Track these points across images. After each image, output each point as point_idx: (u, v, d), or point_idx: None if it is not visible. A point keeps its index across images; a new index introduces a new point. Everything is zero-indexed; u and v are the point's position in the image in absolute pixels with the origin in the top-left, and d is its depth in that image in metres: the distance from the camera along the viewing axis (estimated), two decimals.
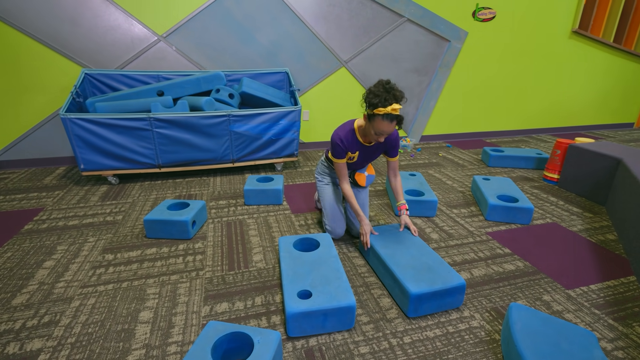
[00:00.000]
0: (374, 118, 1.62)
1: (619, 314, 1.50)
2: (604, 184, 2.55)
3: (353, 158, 1.90)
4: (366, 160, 1.98)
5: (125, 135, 2.69)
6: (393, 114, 1.57)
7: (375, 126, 1.63)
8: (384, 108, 1.55)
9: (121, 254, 1.89)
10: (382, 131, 1.63)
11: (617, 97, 5.00)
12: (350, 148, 1.84)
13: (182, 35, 3.20)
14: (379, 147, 1.90)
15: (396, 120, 1.61)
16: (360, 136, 1.83)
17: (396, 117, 1.60)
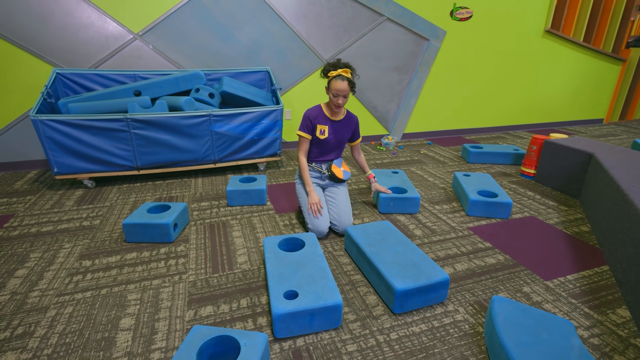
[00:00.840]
0: (330, 83, 1.93)
1: (594, 302, 1.56)
2: (577, 177, 2.65)
3: (324, 132, 2.07)
4: (336, 138, 2.12)
5: (100, 136, 2.60)
6: (344, 74, 1.90)
7: (332, 89, 1.93)
8: (335, 71, 1.92)
9: (99, 260, 1.83)
10: (337, 90, 1.90)
11: (588, 94, 5.21)
12: (319, 120, 2.06)
13: (159, 33, 3.11)
14: (346, 126, 2.14)
15: (347, 81, 1.90)
16: (327, 111, 2.08)
17: (347, 79, 1.90)
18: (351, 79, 1.93)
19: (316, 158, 2.17)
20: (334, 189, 2.14)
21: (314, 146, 2.13)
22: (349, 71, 1.92)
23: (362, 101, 4.01)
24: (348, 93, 1.94)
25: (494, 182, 2.58)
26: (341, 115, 2.12)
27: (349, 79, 1.92)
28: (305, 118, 2.05)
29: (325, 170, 2.17)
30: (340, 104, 1.96)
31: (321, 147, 2.12)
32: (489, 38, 4.27)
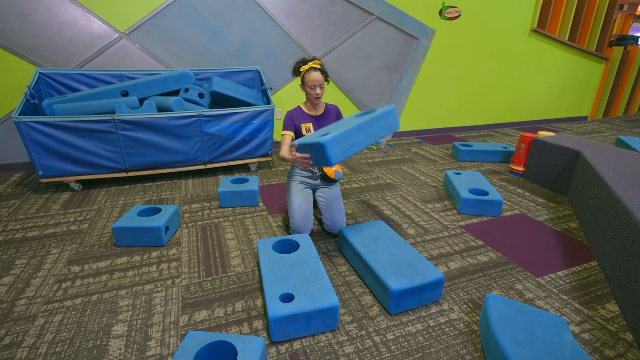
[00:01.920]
0: (304, 77, 1.97)
1: (584, 298, 1.59)
2: (564, 175, 2.70)
3: (310, 129, 2.08)
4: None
5: (87, 138, 2.54)
6: (315, 66, 1.95)
7: (307, 82, 1.96)
8: (305, 65, 1.97)
9: (89, 265, 1.79)
10: (313, 81, 1.94)
11: (572, 92, 5.32)
12: (301, 119, 2.08)
13: (146, 32, 3.05)
14: (328, 117, 2.15)
15: (320, 71, 1.96)
16: (307, 109, 2.11)
17: (319, 69, 1.96)
18: (323, 69, 1.98)
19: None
20: (326, 189, 2.13)
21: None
22: (318, 62, 1.98)
23: (353, 100, 4.01)
24: (323, 82, 1.99)
25: (485, 180, 2.61)
26: (321, 109, 2.14)
27: (320, 69, 1.97)
28: (286, 118, 2.07)
29: (316, 170, 2.16)
30: (319, 94, 1.99)
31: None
32: (477, 37, 4.31)
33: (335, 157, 1.56)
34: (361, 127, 1.63)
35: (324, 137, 1.55)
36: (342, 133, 1.57)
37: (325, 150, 1.53)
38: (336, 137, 1.55)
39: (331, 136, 1.54)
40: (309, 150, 1.65)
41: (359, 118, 1.71)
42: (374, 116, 1.67)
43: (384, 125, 1.72)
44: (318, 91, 1.99)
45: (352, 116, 1.86)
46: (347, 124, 1.67)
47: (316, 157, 1.63)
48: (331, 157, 1.55)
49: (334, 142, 1.55)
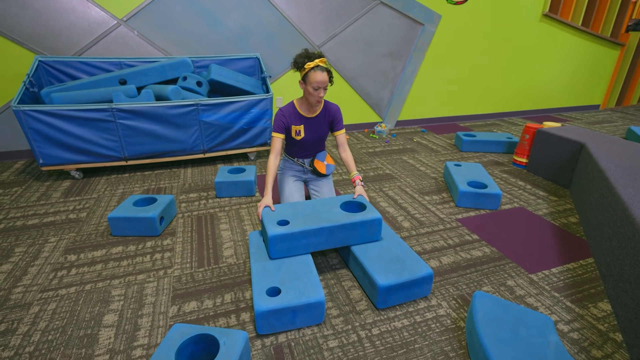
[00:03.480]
0: (307, 75, 1.76)
1: (577, 296, 1.57)
2: (568, 167, 2.64)
3: (299, 132, 1.94)
4: (314, 136, 1.99)
5: (86, 127, 2.56)
6: (322, 65, 1.74)
7: (310, 81, 1.76)
8: (311, 62, 1.74)
9: (85, 255, 1.82)
10: (318, 82, 1.74)
11: (584, 79, 5.14)
12: (292, 120, 1.92)
13: (144, 19, 3.02)
14: (323, 120, 1.98)
15: (327, 72, 1.76)
16: (301, 109, 1.92)
17: (326, 69, 1.76)
18: (329, 69, 1.79)
19: (297, 154, 2.07)
20: (318, 182, 2.11)
21: (292, 145, 2.03)
22: (325, 61, 1.77)
23: (355, 88, 3.94)
24: (327, 85, 1.80)
25: (485, 173, 2.56)
26: (318, 110, 1.95)
27: (327, 69, 1.77)
28: (278, 117, 1.90)
29: (307, 165, 2.12)
30: (321, 98, 1.81)
31: (299, 146, 2.02)
32: (486, 22, 4.17)
33: (277, 253, 1.56)
34: (324, 231, 1.57)
35: (273, 230, 1.52)
36: (296, 232, 1.54)
37: (269, 243, 1.54)
38: (286, 235, 1.53)
39: (281, 232, 1.52)
40: (263, 228, 1.64)
41: (333, 213, 1.64)
42: (349, 222, 1.60)
43: (358, 235, 1.65)
44: (322, 94, 1.80)
45: (333, 201, 1.77)
46: (314, 214, 1.64)
47: (265, 238, 1.62)
48: (272, 252, 1.55)
49: (283, 239, 1.53)
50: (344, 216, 1.65)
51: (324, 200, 1.79)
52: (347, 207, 1.80)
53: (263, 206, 1.73)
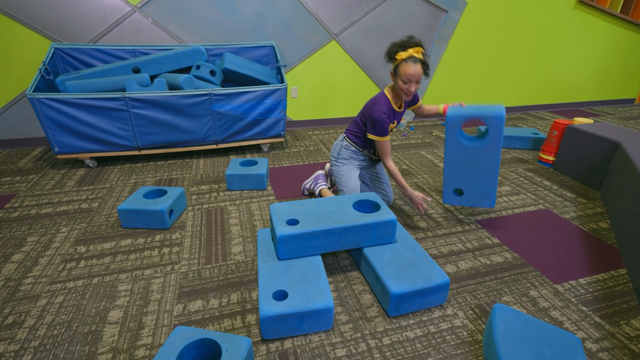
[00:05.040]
0: (399, 67, 1.66)
1: (607, 311, 1.45)
2: (600, 168, 2.46)
3: (392, 129, 1.90)
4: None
5: (99, 116, 2.54)
6: (416, 56, 1.62)
7: (401, 74, 1.65)
8: (404, 52, 1.62)
9: (94, 246, 1.81)
10: (410, 75, 1.63)
11: (619, 71, 4.81)
12: (391, 119, 1.83)
13: (159, 5, 2.96)
14: (405, 107, 1.94)
15: (420, 63, 1.64)
16: (394, 101, 1.83)
17: (420, 60, 1.63)
18: (425, 60, 1.65)
19: (368, 147, 2.00)
20: (377, 166, 2.13)
21: (368, 138, 1.93)
22: (421, 50, 1.63)
23: (373, 78, 3.80)
24: (421, 77, 1.67)
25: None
26: (403, 102, 1.88)
27: (422, 61, 1.64)
28: (383, 121, 1.77)
29: (372, 154, 2.05)
30: (412, 92, 1.70)
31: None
32: (516, 9, 3.92)
33: (286, 253, 1.50)
34: (335, 232, 1.50)
35: (282, 229, 1.46)
36: (306, 233, 1.46)
37: (277, 243, 1.48)
38: (295, 236, 1.46)
39: (290, 232, 1.45)
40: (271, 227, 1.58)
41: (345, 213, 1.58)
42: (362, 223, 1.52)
43: (371, 237, 1.57)
44: (413, 88, 1.68)
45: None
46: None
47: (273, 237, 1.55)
48: (280, 253, 1.50)
49: (292, 239, 1.47)
50: (357, 217, 1.56)
51: (336, 199, 1.72)
52: (360, 207, 1.71)
53: (423, 202, 1.90)
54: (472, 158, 1.89)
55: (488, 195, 1.95)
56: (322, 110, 3.77)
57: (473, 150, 1.87)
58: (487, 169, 1.89)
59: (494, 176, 1.89)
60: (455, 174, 1.97)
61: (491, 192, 1.93)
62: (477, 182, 1.94)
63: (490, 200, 1.97)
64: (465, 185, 1.98)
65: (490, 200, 1.97)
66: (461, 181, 1.98)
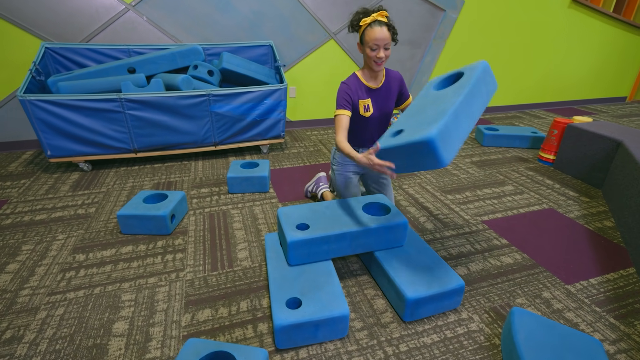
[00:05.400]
0: (364, 34, 1.54)
1: (620, 312, 1.45)
2: (601, 166, 2.47)
3: (368, 107, 1.68)
4: (382, 111, 1.74)
5: (94, 118, 2.46)
6: (380, 19, 1.51)
7: (367, 41, 1.53)
8: (368, 17, 1.52)
9: (93, 254, 1.74)
10: (376, 40, 1.50)
11: (612, 70, 4.88)
12: (358, 93, 1.66)
13: (154, 3, 2.88)
14: (388, 89, 1.73)
15: (387, 26, 1.51)
16: (365, 78, 1.68)
17: (385, 24, 1.51)
18: (390, 23, 1.53)
19: (361, 144, 1.81)
20: (381, 182, 1.95)
21: (355, 128, 1.76)
22: (385, 14, 1.52)
23: None
24: (390, 42, 1.54)
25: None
26: (381, 79, 1.70)
27: (387, 24, 1.52)
28: (342, 91, 1.62)
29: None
30: (382, 58, 1.54)
31: (364, 127, 1.75)
32: (512, 8, 3.93)
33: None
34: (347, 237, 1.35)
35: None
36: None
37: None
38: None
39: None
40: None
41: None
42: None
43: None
44: (381, 54, 1.53)
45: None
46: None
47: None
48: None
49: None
50: (368, 220, 1.53)
51: (346, 202, 1.68)
52: (369, 210, 1.68)
53: (347, 126, 1.55)
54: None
55: (430, 124, 1.15)
56: (320, 110, 3.73)
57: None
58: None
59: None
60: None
61: (437, 121, 1.14)
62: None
63: (429, 132, 1.11)
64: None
65: (430, 136, 1.10)
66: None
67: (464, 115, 1.18)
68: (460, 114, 1.16)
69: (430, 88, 1.46)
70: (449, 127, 1.12)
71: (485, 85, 1.26)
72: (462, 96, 1.18)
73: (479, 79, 1.23)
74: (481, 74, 1.25)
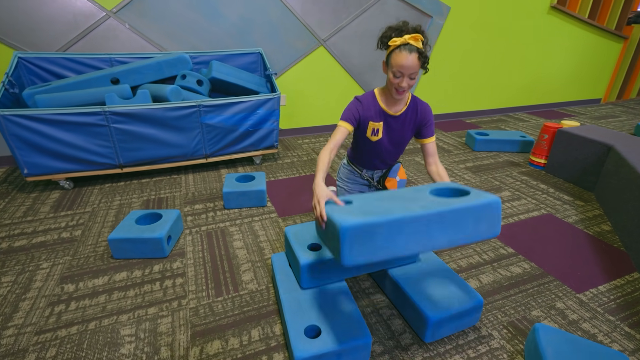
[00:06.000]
0: (391, 55, 1.36)
1: (633, 319, 1.46)
2: (592, 170, 2.53)
3: (377, 132, 1.53)
4: (394, 140, 1.59)
5: (75, 132, 2.30)
6: (412, 43, 1.31)
7: (392, 65, 1.35)
8: (399, 37, 1.33)
9: (84, 283, 1.61)
10: (401, 67, 1.31)
11: (589, 73, 5.07)
12: (370, 113, 1.50)
13: (136, 10, 2.74)
14: (409, 121, 1.54)
15: (417, 53, 1.31)
16: (382, 101, 1.51)
17: (417, 49, 1.31)
18: (422, 50, 1.33)
19: (366, 164, 1.70)
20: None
21: (363, 149, 1.62)
22: (420, 38, 1.32)
23: (362, 84, 3.75)
24: (417, 71, 1.36)
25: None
26: (403, 106, 1.53)
27: (419, 50, 1.32)
28: (352, 105, 1.50)
29: (376, 182, 1.76)
30: (403, 88, 1.38)
31: (373, 151, 1.63)
32: (495, 14, 4.01)
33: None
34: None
35: (305, 257, 1.20)
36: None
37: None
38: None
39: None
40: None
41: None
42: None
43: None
44: (404, 83, 1.36)
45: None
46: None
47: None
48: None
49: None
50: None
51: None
52: None
53: (325, 199, 1.16)
54: None
55: (363, 215, 1.02)
56: (311, 117, 3.67)
57: None
58: None
59: None
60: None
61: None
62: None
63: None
64: None
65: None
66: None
67: (415, 233, 0.99)
68: (407, 228, 0.97)
69: (427, 190, 1.24)
70: (378, 231, 0.95)
71: (477, 221, 1.05)
72: (427, 212, 0.99)
73: (472, 208, 1.03)
74: (481, 206, 1.04)
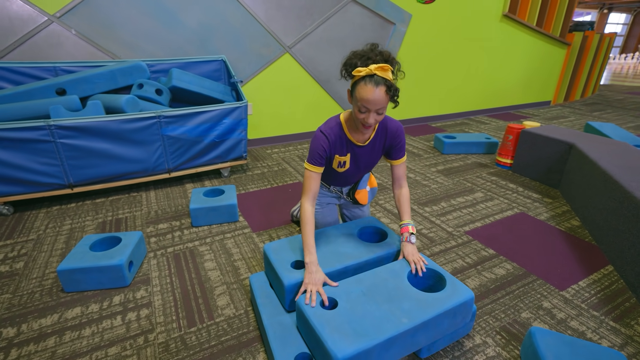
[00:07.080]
0: (356, 86, 1.17)
1: (616, 313, 1.47)
2: (556, 168, 2.63)
3: (344, 164, 1.42)
4: (359, 169, 1.49)
5: (15, 150, 2.03)
6: (378, 74, 1.12)
7: (357, 97, 1.16)
8: (364, 67, 1.13)
9: (28, 325, 1.38)
10: (367, 101, 1.14)
11: (539, 77, 5.40)
12: (337, 148, 1.36)
13: (84, 15, 2.51)
14: (377, 146, 1.41)
15: (385, 86, 1.13)
16: (349, 131, 1.34)
17: (384, 80, 1.13)
18: (391, 83, 1.15)
19: (334, 183, 1.61)
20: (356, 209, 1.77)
21: (329, 175, 1.52)
22: (387, 68, 1.12)
23: (329, 91, 3.71)
24: (385, 106, 1.18)
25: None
26: (371, 134, 1.37)
27: (386, 82, 1.14)
28: (318, 145, 1.31)
29: (345, 195, 1.67)
30: (370, 124, 1.21)
31: (339, 176, 1.52)
32: (453, 22, 4.16)
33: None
34: (350, 271, 1.29)
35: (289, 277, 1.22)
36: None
37: (285, 293, 1.24)
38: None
39: (299, 280, 1.22)
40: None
41: (352, 244, 1.31)
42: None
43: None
44: (371, 120, 1.19)
45: (353, 225, 1.41)
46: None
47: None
48: (289, 304, 1.26)
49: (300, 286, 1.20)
50: (364, 247, 1.40)
51: (336, 229, 1.53)
52: (363, 235, 1.55)
53: (320, 286, 1.17)
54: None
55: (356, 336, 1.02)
56: (279, 126, 3.56)
57: None
58: None
59: None
60: None
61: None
62: None
63: None
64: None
65: None
66: None
67: (403, 343, 1.06)
68: (397, 341, 1.03)
69: (404, 275, 1.25)
70: (372, 352, 0.99)
71: (453, 316, 1.13)
72: (414, 323, 1.05)
73: (451, 310, 1.11)
74: (458, 305, 1.12)
